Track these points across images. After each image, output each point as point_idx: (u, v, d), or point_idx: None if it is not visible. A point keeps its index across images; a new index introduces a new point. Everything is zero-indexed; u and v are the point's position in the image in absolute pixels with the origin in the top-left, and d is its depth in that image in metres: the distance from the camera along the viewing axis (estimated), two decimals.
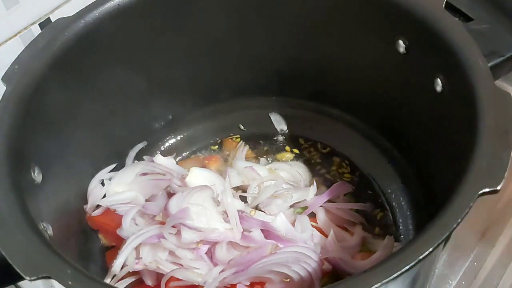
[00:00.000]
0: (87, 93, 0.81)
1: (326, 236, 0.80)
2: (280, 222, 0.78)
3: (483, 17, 0.75)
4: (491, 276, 0.85)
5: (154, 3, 0.82)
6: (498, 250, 0.88)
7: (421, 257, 0.51)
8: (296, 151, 0.98)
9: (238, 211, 0.78)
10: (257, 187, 0.87)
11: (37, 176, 0.70)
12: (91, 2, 0.79)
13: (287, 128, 1.01)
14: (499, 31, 0.73)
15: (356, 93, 0.91)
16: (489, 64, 0.67)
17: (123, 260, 0.76)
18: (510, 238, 0.89)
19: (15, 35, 0.91)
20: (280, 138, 1.01)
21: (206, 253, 0.76)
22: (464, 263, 0.86)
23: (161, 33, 0.86)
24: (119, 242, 0.80)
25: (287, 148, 0.99)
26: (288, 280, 0.74)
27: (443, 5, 0.75)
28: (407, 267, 0.50)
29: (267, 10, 0.87)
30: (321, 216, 0.84)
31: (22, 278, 0.54)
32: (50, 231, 0.67)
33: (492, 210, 0.92)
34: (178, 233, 0.75)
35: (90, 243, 0.84)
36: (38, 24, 0.93)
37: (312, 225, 0.81)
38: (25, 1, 0.90)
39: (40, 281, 0.56)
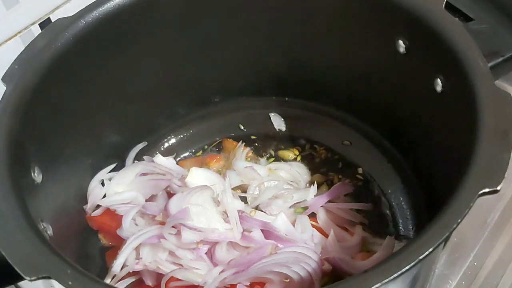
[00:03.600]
0: (87, 93, 0.81)
1: (326, 236, 0.80)
2: (281, 222, 0.78)
3: (483, 17, 0.75)
4: (491, 276, 0.85)
5: (154, 3, 0.82)
6: (498, 250, 0.88)
7: (421, 257, 0.51)
8: (296, 151, 0.98)
9: (238, 211, 0.78)
10: (257, 188, 0.87)
11: (37, 176, 0.70)
12: (91, 2, 0.79)
13: (287, 128, 1.01)
14: (499, 31, 0.73)
15: (356, 93, 0.91)
16: (489, 64, 0.67)
17: (123, 260, 0.76)
18: (510, 238, 0.89)
19: (15, 35, 0.91)
20: (280, 138, 1.00)
21: (206, 253, 0.76)
22: (464, 263, 0.86)
23: (161, 33, 0.86)
24: (119, 242, 0.80)
25: (287, 148, 0.99)
26: (288, 280, 0.74)
27: (443, 5, 0.74)
28: (407, 267, 0.50)
29: (268, 12, 0.86)
30: (322, 216, 0.84)
31: (22, 278, 0.54)
32: (50, 231, 0.67)
33: (492, 210, 0.92)
34: (178, 233, 0.75)
35: (90, 243, 0.84)
36: (38, 24, 0.93)
37: (312, 225, 0.81)
38: (25, 1, 0.90)
39: (40, 281, 0.56)
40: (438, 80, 0.72)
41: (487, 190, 0.55)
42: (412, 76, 0.79)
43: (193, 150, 1.00)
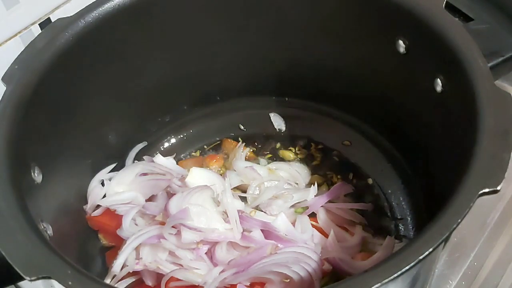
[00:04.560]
0: (87, 93, 0.81)
1: (326, 236, 0.80)
2: (281, 222, 0.78)
3: (483, 17, 0.75)
4: (491, 276, 0.85)
5: (154, 3, 0.82)
6: (498, 250, 0.88)
7: (421, 257, 0.51)
8: (296, 151, 0.98)
9: (238, 211, 0.78)
10: (257, 188, 0.87)
11: (37, 176, 0.70)
12: (91, 2, 0.79)
13: (287, 128, 1.01)
14: (499, 31, 0.73)
15: (356, 93, 0.91)
16: (489, 64, 0.67)
17: (123, 260, 0.76)
18: (510, 238, 0.89)
19: (15, 35, 0.91)
20: (280, 138, 1.00)
21: (206, 253, 0.76)
22: (464, 263, 0.86)
23: (161, 33, 0.85)
24: (119, 242, 0.80)
25: (287, 148, 0.99)
26: (288, 280, 0.74)
27: (443, 5, 0.74)
28: (407, 267, 0.50)
29: (268, 12, 0.86)
30: (322, 216, 0.84)
31: (22, 278, 0.54)
32: (50, 231, 0.67)
33: (492, 210, 0.91)
34: (178, 233, 0.75)
35: (90, 243, 0.84)
36: (38, 24, 0.93)
37: (312, 225, 0.81)
38: (25, 1, 0.89)
39: (40, 281, 0.56)
40: (438, 80, 0.72)
41: (487, 190, 0.55)
42: (412, 76, 0.79)
43: (193, 150, 1.00)
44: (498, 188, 0.55)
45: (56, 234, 0.68)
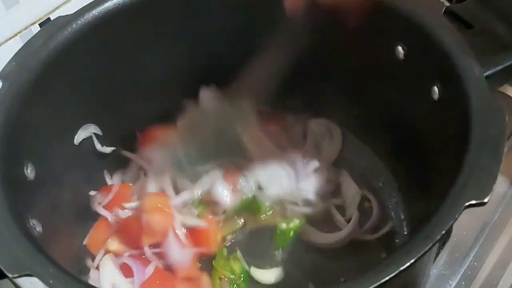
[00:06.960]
0: (84, 92, 0.81)
1: None
2: None
3: (483, 25, 0.74)
4: (491, 276, 0.84)
5: (153, 3, 0.82)
6: (498, 250, 0.87)
7: (402, 268, 0.51)
8: None
9: None
10: None
11: (29, 173, 0.70)
12: (90, 1, 0.79)
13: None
14: (499, 39, 0.72)
15: (354, 98, 0.89)
16: (488, 73, 0.66)
17: None
18: (510, 238, 0.88)
19: (15, 35, 0.91)
20: None
21: None
22: (464, 263, 0.85)
23: (161, 32, 0.85)
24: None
25: None
26: None
27: (442, 12, 0.74)
28: (386, 279, 0.50)
29: (269, 20, 0.85)
30: None
31: (5, 276, 0.54)
32: (39, 228, 0.67)
33: (492, 210, 0.91)
34: None
35: (80, 241, 0.84)
36: (38, 24, 0.93)
37: None
38: (25, 1, 0.90)
39: (37, 280, 0.56)
40: (435, 88, 0.71)
41: (473, 202, 0.54)
42: (410, 84, 0.77)
43: None
44: (486, 200, 0.54)
45: (46, 232, 0.68)
